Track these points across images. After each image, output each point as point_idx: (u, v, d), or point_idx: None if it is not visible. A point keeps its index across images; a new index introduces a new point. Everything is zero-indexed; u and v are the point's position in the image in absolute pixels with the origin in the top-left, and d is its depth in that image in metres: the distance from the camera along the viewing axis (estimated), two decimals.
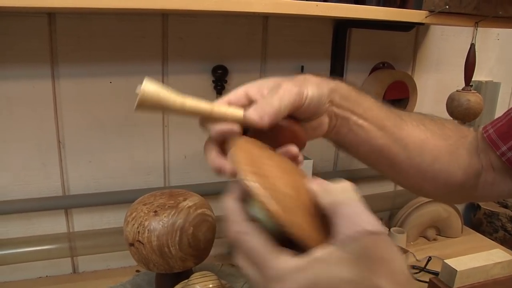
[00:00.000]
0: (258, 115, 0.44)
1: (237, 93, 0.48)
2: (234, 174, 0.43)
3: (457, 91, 1.10)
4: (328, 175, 1.35)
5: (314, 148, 1.30)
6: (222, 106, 0.45)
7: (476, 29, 0.96)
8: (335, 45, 1.21)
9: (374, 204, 1.41)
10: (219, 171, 0.46)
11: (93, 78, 1.02)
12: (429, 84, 1.40)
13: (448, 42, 1.37)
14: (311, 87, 0.48)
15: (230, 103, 0.47)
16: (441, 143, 0.58)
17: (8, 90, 0.97)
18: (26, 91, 0.98)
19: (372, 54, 1.29)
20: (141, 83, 0.42)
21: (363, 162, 0.60)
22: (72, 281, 1.11)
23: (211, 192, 1.09)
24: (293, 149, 0.47)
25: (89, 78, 1.02)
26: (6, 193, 1.03)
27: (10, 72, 0.96)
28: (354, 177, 1.38)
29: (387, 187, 1.48)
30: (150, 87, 0.41)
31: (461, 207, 1.55)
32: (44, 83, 0.99)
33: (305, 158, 1.22)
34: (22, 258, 1.03)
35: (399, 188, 1.47)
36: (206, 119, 0.45)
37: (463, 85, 1.42)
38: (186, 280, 0.76)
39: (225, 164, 0.45)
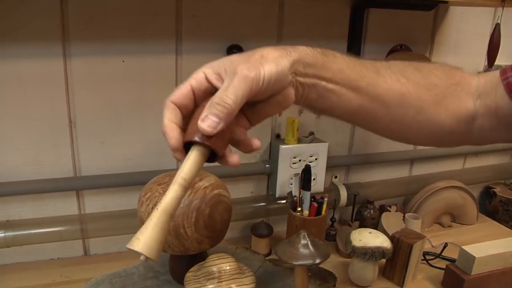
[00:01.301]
0: (210, 127, 0.44)
1: (197, 77, 0.48)
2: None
3: (479, 73, 1.07)
4: (343, 158, 1.32)
5: (329, 132, 1.28)
6: (185, 168, 0.45)
7: (503, 8, 0.92)
8: (352, 26, 1.18)
9: (388, 189, 1.39)
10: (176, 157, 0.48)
11: (105, 57, 1.00)
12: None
13: (468, 24, 1.33)
14: (268, 65, 0.45)
15: (193, 88, 0.48)
16: (425, 95, 0.56)
17: (20, 68, 0.95)
18: (37, 70, 0.96)
19: (389, 36, 1.25)
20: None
21: (343, 121, 0.59)
22: (84, 263, 1.10)
23: (225, 175, 1.07)
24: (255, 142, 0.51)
25: (101, 57, 1.00)
26: (18, 173, 1.01)
27: (22, 50, 0.94)
28: (368, 161, 1.36)
29: (402, 172, 1.45)
30: (147, 249, 0.42)
31: (476, 194, 1.53)
32: (56, 61, 0.97)
33: (320, 141, 1.20)
34: (34, 239, 1.02)
35: (414, 173, 1.45)
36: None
37: (481, 68, 1.39)
38: (202, 262, 0.75)
39: (180, 155, 0.47)
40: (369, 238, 1.00)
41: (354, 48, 1.19)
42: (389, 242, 1.01)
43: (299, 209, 1.09)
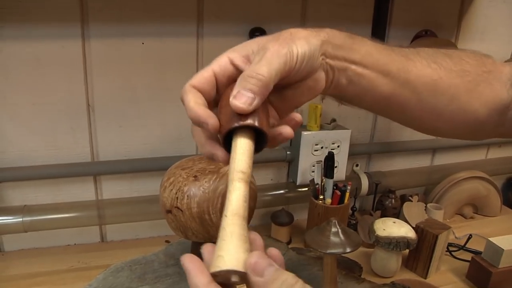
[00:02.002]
0: (245, 103, 0.39)
1: (221, 62, 0.43)
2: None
3: (509, 61, 1.03)
4: (365, 146, 1.30)
5: (351, 119, 1.25)
6: (237, 160, 0.40)
7: None
8: (377, 10, 1.14)
9: (410, 178, 1.36)
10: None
11: (124, 39, 0.97)
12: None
13: (496, 9, 1.29)
14: (300, 42, 0.42)
15: (215, 74, 0.43)
16: (457, 81, 0.52)
17: (38, 50, 0.93)
18: (55, 51, 0.94)
19: (415, 21, 1.21)
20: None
21: (371, 111, 0.55)
22: (100, 249, 1.09)
23: None
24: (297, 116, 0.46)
25: (120, 39, 0.97)
26: (35, 157, 1.00)
27: (40, 31, 0.92)
28: (390, 150, 1.34)
29: (424, 161, 1.42)
30: (235, 263, 0.35)
31: (499, 185, 1.49)
32: (74, 43, 0.95)
33: (343, 128, 1.17)
34: (51, 225, 1.01)
35: (436, 163, 1.42)
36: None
37: (508, 56, 1.35)
38: None
39: (219, 151, 0.42)
40: (393, 227, 0.98)
41: (378, 32, 1.15)
42: (414, 232, 0.98)
43: (321, 197, 1.06)
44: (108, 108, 1.02)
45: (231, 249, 0.35)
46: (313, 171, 1.15)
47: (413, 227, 1.01)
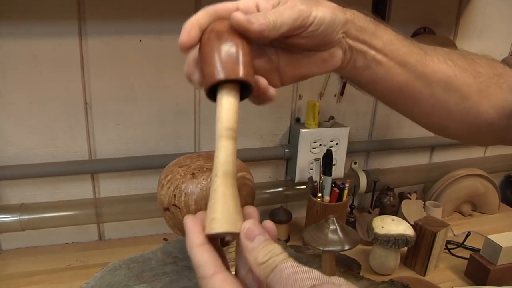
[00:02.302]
0: (246, 18, 0.39)
1: (247, 3, 0.43)
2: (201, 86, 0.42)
3: (511, 55, 1.03)
4: (363, 144, 1.29)
5: (349, 117, 1.25)
6: (223, 116, 0.40)
7: None
8: (375, 7, 1.14)
9: (408, 176, 1.36)
10: (189, 78, 0.44)
11: (122, 36, 0.97)
12: (471, 51, 1.32)
13: (494, 6, 1.28)
14: (323, 9, 0.42)
15: (238, 8, 0.42)
16: (470, 80, 0.52)
17: (35, 47, 0.92)
18: (52, 49, 0.94)
19: (413, 18, 1.21)
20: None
21: (381, 101, 0.55)
22: (98, 248, 1.09)
23: (242, 159, 1.04)
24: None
25: (118, 36, 0.97)
26: (32, 156, 0.99)
27: (37, 29, 0.91)
28: (389, 148, 1.34)
29: (422, 159, 1.42)
30: (231, 225, 0.36)
31: (497, 183, 1.49)
32: (71, 41, 0.95)
33: (341, 125, 1.17)
34: (48, 223, 1.01)
35: (434, 160, 1.42)
36: None
37: (507, 54, 1.35)
38: (225, 248, 0.72)
39: (195, 73, 0.43)
40: (391, 225, 0.98)
41: None
42: (412, 230, 0.98)
43: (319, 194, 1.06)
44: (105, 106, 1.01)
45: (225, 211, 0.36)
46: (311, 169, 1.15)
47: (411, 225, 1.01)
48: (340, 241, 0.70)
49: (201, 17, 0.42)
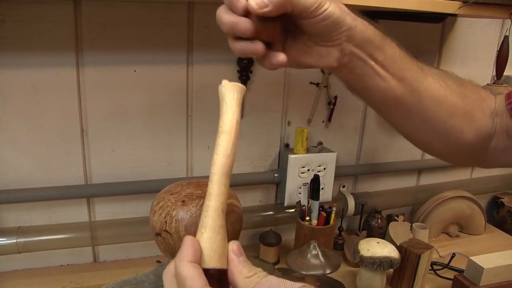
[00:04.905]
0: (257, 4, 0.43)
1: None
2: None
3: (488, 84, 1.08)
4: (351, 168, 1.33)
5: (337, 142, 1.28)
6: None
7: (511, 20, 0.93)
8: None
9: (396, 198, 1.39)
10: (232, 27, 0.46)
11: (117, 66, 1.01)
12: None
13: (475, 35, 1.34)
14: (335, 6, 0.46)
15: None
16: (458, 102, 0.57)
17: (34, 77, 0.96)
18: (51, 78, 0.98)
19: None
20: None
21: (374, 109, 0.59)
22: (93, 269, 1.11)
23: (233, 184, 1.07)
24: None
25: (113, 66, 1.01)
26: (30, 180, 1.03)
27: (36, 60, 0.95)
28: (376, 171, 1.37)
29: (409, 181, 1.46)
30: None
31: (484, 204, 1.52)
32: (69, 70, 0.99)
33: (329, 150, 1.21)
34: (44, 245, 1.03)
35: (422, 183, 1.46)
36: None
37: (489, 79, 1.40)
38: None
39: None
40: (377, 248, 1.01)
41: None
42: (397, 252, 1.01)
43: (307, 218, 1.09)
44: (101, 133, 1.05)
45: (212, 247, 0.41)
46: (300, 193, 1.18)
47: (397, 247, 1.04)
48: (321, 265, 0.74)
49: None
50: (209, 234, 0.41)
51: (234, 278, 0.40)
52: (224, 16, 0.46)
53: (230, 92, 0.43)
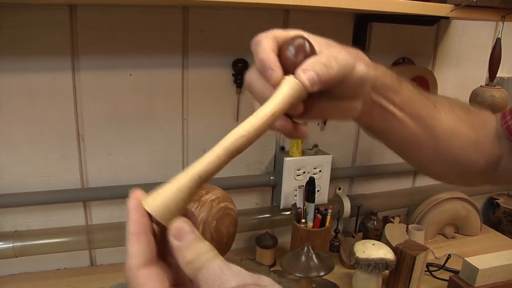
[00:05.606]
0: (309, 80, 0.39)
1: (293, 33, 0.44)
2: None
3: (481, 86, 1.08)
4: (347, 170, 1.34)
5: (333, 144, 1.29)
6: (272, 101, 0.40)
7: (503, 23, 0.94)
8: (355, 40, 1.20)
9: (391, 200, 1.39)
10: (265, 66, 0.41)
11: (113, 71, 1.02)
12: (450, 79, 1.38)
13: (469, 37, 1.35)
14: (362, 65, 0.44)
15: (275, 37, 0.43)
16: (469, 132, 0.57)
17: (30, 82, 0.97)
18: (47, 83, 0.98)
19: (392, 49, 1.27)
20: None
21: (390, 148, 0.58)
22: (90, 273, 1.12)
23: (229, 187, 1.08)
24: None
25: (109, 71, 1.02)
26: (26, 184, 1.03)
27: (32, 64, 0.96)
28: (372, 173, 1.37)
29: (405, 183, 1.46)
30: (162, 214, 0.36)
31: (480, 205, 1.53)
32: (65, 75, 0.99)
33: (324, 153, 1.21)
34: (41, 249, 1.04)
35: (417, 184, 1.46)
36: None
37: (484, 81, 1.40)
38: None
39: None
40: (372, 249, 1.01)
41: None
42: (392, 254, 1.02)
43: (303, 220, 1.10)
44: (97, 137, 1.06)
45: (167, 198, 0.36)
46: (295, 196, 1.19)
47: (392, 249, 1.04)
48: (315, 267, 0.74)
49: (269, 44, 0.43)
50: (172, 187, 0.36)
51: (180, 263, 0.34)
52: (255, 82, 0.43)
53: (285, 85, 0.40)
